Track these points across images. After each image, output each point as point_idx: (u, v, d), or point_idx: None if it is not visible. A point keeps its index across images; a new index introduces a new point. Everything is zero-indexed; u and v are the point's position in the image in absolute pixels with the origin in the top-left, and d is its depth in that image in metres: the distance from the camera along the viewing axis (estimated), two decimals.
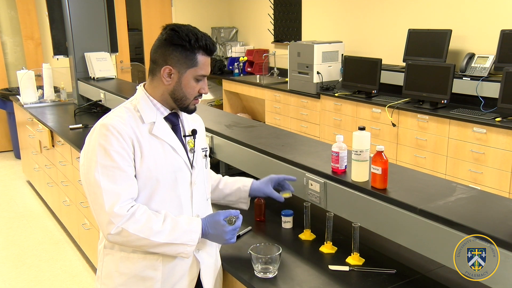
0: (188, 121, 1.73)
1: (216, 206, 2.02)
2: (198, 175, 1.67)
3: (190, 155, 1.66)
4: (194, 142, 1.69)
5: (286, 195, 1.93)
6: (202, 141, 1.76)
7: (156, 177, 1.56)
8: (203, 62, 1.58)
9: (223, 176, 2.02)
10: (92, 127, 1.60)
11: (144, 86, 1.65)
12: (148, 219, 1.51)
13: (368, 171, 1.76)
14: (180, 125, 1.69)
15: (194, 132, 1.69)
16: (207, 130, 2.44)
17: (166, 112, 1.63)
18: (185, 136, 1.68)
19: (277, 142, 2.34)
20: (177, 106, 1.63)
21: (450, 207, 1.53)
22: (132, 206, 1.51)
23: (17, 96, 5.07)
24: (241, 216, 1.64)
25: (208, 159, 1.79)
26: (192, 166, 1.65)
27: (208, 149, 1.80)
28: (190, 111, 1.66)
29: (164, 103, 1.62)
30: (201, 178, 1.69)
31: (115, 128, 1.52)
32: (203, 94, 1.65)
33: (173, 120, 1.65)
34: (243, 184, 1.94)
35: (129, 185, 1.52)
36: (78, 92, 4.80)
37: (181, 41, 1.54)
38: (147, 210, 1.54)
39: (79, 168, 1.59)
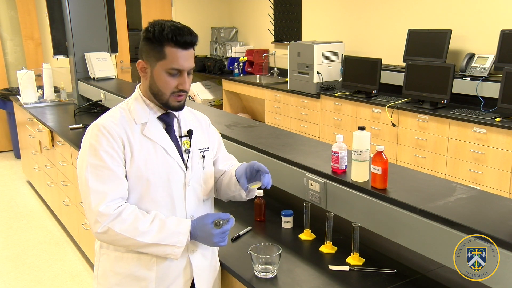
0: (186, 120, 1.70)
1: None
2: (193, 176, 1.65)
3: (185, 155, 1.65)
4: (190, 142, 1.67)
5: (253, 186, 1.69)
6: (203, 141, 1.73)
7: (147, 177, 1.56)
8: (173, 55, 1.50)
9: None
10: None
11: (139, 86, 1.66)
12: (135, 219, 1.51)
13: (368, 171, 1.76)
14: (176, 125, 1.67)
15: (190, 133, 1.67)
16: None
17: (160, 112, 1.62)
18: (180, 136, 1.67)
19: (277, 142, 2.34)
20: (159, 102, 1.59)
21: (450, 207, 1.53)
22: (119, 206, 1.51)
23: (17, 96, 5.07)
24: (232, 220, 1.60)
25: (210, 160, 1.75)
26: (186, 167, 1.64)
27: (212, 149, 1.77)
28: (172, 108, 1.60)
29: (154, 102, 1.61)
30: (196, 179, 1.67)
31: (105, 128, 1.53)
32: (188, 91, 1.58)
33: (167, 120, 1.64)
34: (233, 168, 1.77)
35: (117, 184, 1.52)
36: (78, 92, 4.80)
37: (147, 33, 1.53)
38: (135, 210, 1.54)
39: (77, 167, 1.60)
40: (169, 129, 1.64)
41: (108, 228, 1.49)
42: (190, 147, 1.66)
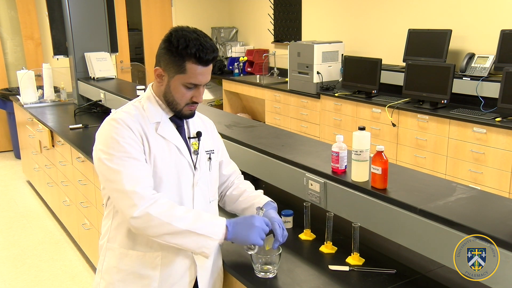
0: (195, 122, 1.73)
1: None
2: (201, 177, 1.68)
3: (194, 156, 1.67)
4: (199, 144, 1.69)
5: (268, 245, 1.70)
6: (209, 143, 1.76)
7: (160, 176, 1.57)
8: (193, 71, 1.52)
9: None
10: (92, 126, 1.61)
11: (152, 86, 1.67)
12: (172, 206, 1.52)
13: (368, 171, 1.76)
14: (185, 126, 1.70)
15: (199, 134, 1.70)
16: None
17: (171, 113, 1.64)
18: (189, 137, 1.69)
19: (277, 142, 2.34)
20: (171, 110, 1.62)
21: (450, 207, 1.53)
22: (153, 194, 1.52)
23: (17, 96, 5.07)
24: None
25: (216, 162, 1.78)
26: (195, 167, 1.66)
27: (216, 152, 1.80)
28: (184, 116, 1.64)
29: (165, 103, 1.63)
30: (204, 180, 1.70)
31: (124, 122, 1.54)
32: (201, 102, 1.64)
33: (177, 121, 1.66)
34: (258, 201, 1.82)
35: (147, 173, 1.53)
36: (78, 92, 4.80)
37: (170, 46, 1.51)
38: (169, 200, 1.55)
39: (95, 165, 1.57)
40: (179, 130, 1.66)
41: (145, 213, 1.47)
42: (198, 148, 1.69)
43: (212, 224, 1.55)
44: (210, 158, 1.74)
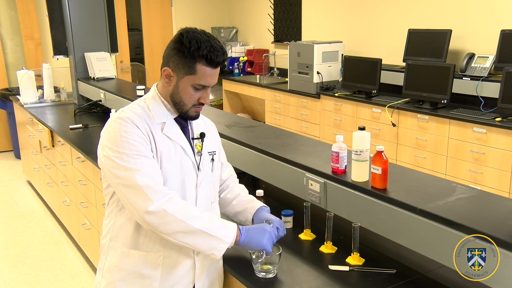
0: (198, 124, 1.74)
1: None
2: (204, 178, 1.69)
3: (197, 157, 1.68)
4: (202, 145, 1.70)
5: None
6: (211, 144, 1.77)
7: (165, 175, 1.57)
8: (203, 72, 1.54)
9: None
10: (92, 127, 1.61)
11: (157, 86, 1.67)
12: (186, 205, 1.53)
13: (368, 171, 1.76)
14: (189, 127, 1.70)
15: (202, 135, 1.71)
16: None
17: (176, 114, 1.65)
18: (193, 138, 1.70)
19: (277, 142, 2.34)
20: (177, 111, 1.63)
21: (450, 207, 1.53)
22: (167, 190, 1.52)
23: (17, 96, 5.07)
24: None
25: (218, 163, 1.79)
26: (198, 168, 1.67)
27: (218, 153, 1.81)
28: (189, 118, 1.66)
29: (171, 104, 1.63)
30: (207, 181, 1.71)
31: (132, 121, 1.54)
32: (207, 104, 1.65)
33: (182, 122, 1.67)
34: (252, 206, 1.85)
35: (158, 169, 1.54)
36: (78, 92, 4.80)
37: (181, 47, 1.52)
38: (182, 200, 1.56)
39: (102, 163, 1.57)
40: (184, 131, 1.67)
41: (161, 209, 1.47)
42: (201, 149, 1.70)
43: (224, 227, 1.56)
44: (212, 159, 1.75)
